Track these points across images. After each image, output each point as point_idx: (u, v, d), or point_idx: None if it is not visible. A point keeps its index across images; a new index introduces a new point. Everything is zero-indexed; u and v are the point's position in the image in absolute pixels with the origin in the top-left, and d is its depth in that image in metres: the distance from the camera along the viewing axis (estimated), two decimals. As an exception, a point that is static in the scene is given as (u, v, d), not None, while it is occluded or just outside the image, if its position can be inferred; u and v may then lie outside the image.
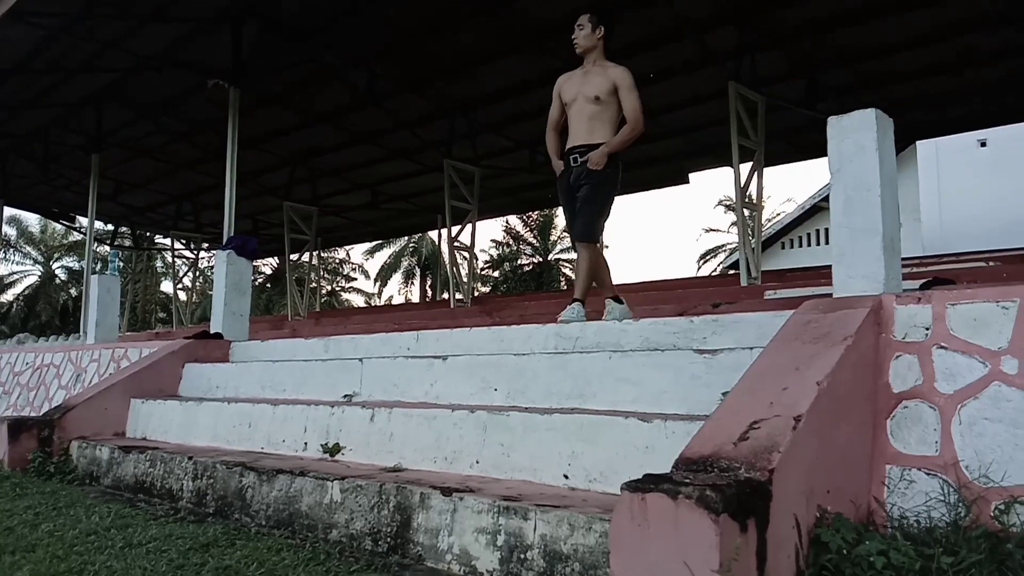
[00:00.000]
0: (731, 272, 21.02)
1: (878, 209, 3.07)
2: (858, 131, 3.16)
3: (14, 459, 5.21)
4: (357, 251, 43.36)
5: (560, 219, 34.96)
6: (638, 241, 71.20)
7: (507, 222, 34.88)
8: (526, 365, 3.80)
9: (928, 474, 2.55)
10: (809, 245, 23.09)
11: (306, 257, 17.79)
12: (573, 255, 35.37)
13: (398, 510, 3.01)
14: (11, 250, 38.61)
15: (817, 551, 2.21)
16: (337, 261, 39.99)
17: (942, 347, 2.69)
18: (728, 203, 31.92)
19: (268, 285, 34.64)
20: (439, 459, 3.50)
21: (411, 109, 11.58)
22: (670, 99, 10.82)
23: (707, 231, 37.63)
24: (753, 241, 9.30)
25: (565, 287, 32.63)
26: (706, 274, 30.15)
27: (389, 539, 3.00)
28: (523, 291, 30.86)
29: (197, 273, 22.57)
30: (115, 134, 12.66)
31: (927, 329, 2.74)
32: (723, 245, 33.87)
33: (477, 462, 3.35)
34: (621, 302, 4.72)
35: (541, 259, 35.27)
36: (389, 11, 8.81)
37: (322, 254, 24.19)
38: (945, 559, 2.11)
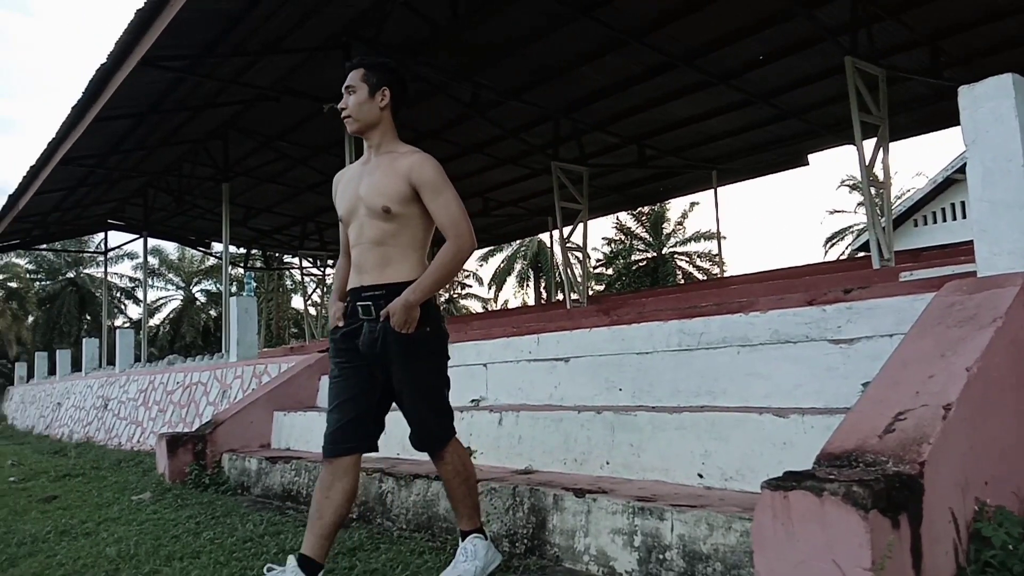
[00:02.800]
0: (861, 254, 20.03)
1: (1022, 180, 2.86)
2: (994, 99, 2.95)
3: (173, 472, 5.63)
4: (471, 258, 44.11)
5: (674, 209, 34.38)
6: (758, 228, 68.92)
7: (618, 219, 34.59)
8: (650, 363, 3.77)
9: (1101, 462, 2.35)
10: (944, 220, 21.67)
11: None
12: (690, 247, 34.78)
13: (533, 512, 3.06)
14: (156, 277, 41.77)
15: (978, 546, 2.09)
16: (452, 269, 40.81)
17: (1109, 324, 2.48)
18: (852, 183, 30.45)
19: (389, 296, 35.74)
20: (568, 460, 3.53)
21: (516, 116, 11.69)
22: (783, 80, 10.46)
23: (832, 213, 35.87)
24: (883, 220, 8.80)
25: (682, 280, 32.03)
26: (834, 258, 28.86)
27: (526, 540, 3.05)
28: (638, 287, 30.48)
29: (324, 289, 23.63)
30: (241, 163, 13.46)
31: (1089, 305, 2.53)
32: (850, 226, 32.32)
33: (607, 463, 3.35)
34: (486, 536, 2.83)
35: (655, 254, 34.74)
36: (486, 24, 8.94)
37: (438, 263, 24.73)
38: None
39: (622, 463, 3.29)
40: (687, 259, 34.57)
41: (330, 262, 21.01)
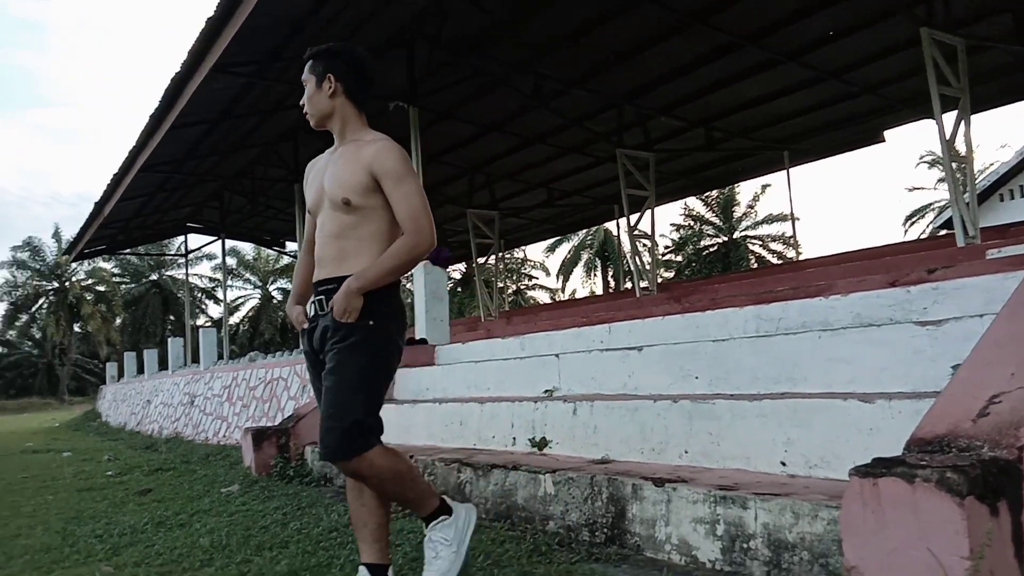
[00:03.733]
0: (943, 232, 19.25)
1: (1125, 147, 2.70)
2: (1091, 62, 2.80)
3: (259, 465, 5.82)
4: (537, 249, 44.22)
5: (744, 192, 33.70)
6: (833, 209, 66.90)
7: (686, 204, 34.14)
8: (726, 351, 3.72)
9: None
10: (1032, 194, 20.61)
11: (491, 260, 18.38)
12: (762, 230, 34.13)
13: (611, 501, 3.06)
14: (234, 277, 43.26)
15: (1085, 535, 1.99)
16: (519, 261, 41.07)
17: None
18: (932, 158, 29.32)
19: (459, 289, 36.18)
20: (646, 450, 3.51)
21: (579, 105, 11.63)
22: (855, 55, 10.11)
23: (911, 190, 34.69)
24: (966, 196, 8.41)
25: (755, 265, 31.36)
26: (914, 237, 27.83)
27: (605, 530, 3.05)
28: (709, 273, 30.02)
29: (393, 284, 24.05)
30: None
31: None
32: (931, 204, 31.17)
33: (686, 452, 3.32)
34: (449, 511, 2.61)
35: (726, 238, 34.12)
36: (546, 13, 8.91)
37: (504, 255, 24.89)
38: None
39: (701, 452, 3.26)
40: (760, 243, 33.87)
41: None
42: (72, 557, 3.57)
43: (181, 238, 22.71)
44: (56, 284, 44.59)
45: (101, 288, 45.23)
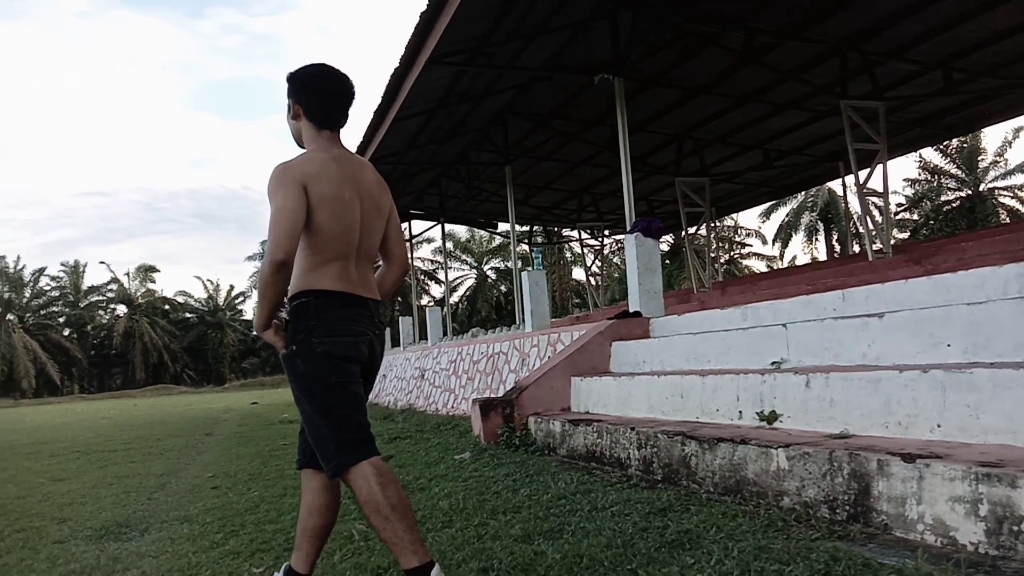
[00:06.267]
0: None
1: None
2: None
3: (487, 434, 6.12)
4: (750, 216, 42.32)
5: (991, 140, 30.05)
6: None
7: (921, 156, 30.98)
8: (984, 315, 3.34)
9: None
10: None
11: (702, 229, 17.85)
12: (1016, 180, 30.25)
13: (853, 477, 2.87)
14: (451, 259, 45.73)
15: None
16: (730, 229, 39.55)
17: None
18: None
19: (667, 261, 35.59)
20: (891, 424, 3.25)
21: (795, 56, 10.90)
22: None
23: None
24: None
25: (1007, 219, 27.88)
26: None
27: (847, 507, 2.87)
28: (952, 231, 27.10)
29: (601, 259, 24.15)
30: (519, 145, 14.12)
31: None
32: None
33: (938, 426, 3.04)
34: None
35: (970, 192, 30.57)
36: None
37: (715, 224, 24.09)
38: None
39: (957, 426, 2.96)
40: (1012, 195, 30.01)
41: (606, 232, 21.39)
42: (331, 516, 3.97)
43: (404, 224, 24.26)
44: (298, 272, 49.57)
45: (338, 273, 49.58)
